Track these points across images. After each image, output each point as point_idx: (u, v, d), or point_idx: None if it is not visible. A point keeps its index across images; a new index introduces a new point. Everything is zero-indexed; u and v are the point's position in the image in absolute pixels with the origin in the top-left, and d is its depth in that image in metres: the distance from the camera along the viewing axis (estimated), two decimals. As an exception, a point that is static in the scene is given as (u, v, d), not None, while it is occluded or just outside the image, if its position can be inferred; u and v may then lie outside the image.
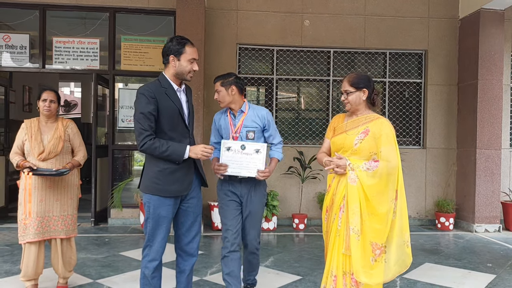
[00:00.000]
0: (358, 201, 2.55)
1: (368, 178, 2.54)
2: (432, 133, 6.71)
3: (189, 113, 2.88)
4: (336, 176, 2.69)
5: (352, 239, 2.54)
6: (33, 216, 3.31)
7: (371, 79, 2.76)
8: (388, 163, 2.54)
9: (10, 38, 6.17)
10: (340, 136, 2.72)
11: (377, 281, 2.54)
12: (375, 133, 2.60)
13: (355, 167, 2.57)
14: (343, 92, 2.73)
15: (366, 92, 2.68)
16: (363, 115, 2.71)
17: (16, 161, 3.33)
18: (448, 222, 6.30)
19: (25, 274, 3.41)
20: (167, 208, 2.70)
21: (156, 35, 6.37)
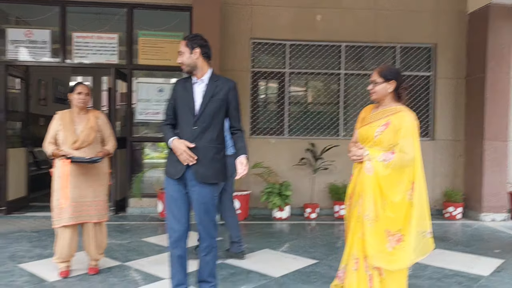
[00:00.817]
0: (372, 190, 2.69)
1: (383, 169, 2.67)
2: (440, 125, 6.88)
3: (206, 102, 2.88)
4: (358, 167, 2.84)
5: (365, 225, 2.71)
6: (70, 200, 3.53)
7: (400, 73, 2.83)
8: (405, 155, 2.64)
9: (32, 33, 6.38)
10: (365, 127, 2.84)
11: (396, 267, 2.69)
12: (395, 125, 2.69)
13: (372, 158, 2.71)
14: (371, 81, 2.83)
15: (393, 84, 2.76)
16: (388, 107, 2.80)
17: (51, 150, 3.54)
18: (456, 211, 6.48)
19: (59, 256, 3.64)
20: (172, 187, 2.92)
21: (172, 30, 6.56)
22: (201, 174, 2.84)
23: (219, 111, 2.91)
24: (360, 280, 2.77)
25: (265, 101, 7.16)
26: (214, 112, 2.89)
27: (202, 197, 2.89)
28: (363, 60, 7.00)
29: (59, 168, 3.57)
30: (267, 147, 6.70)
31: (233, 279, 3.67)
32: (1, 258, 4.16)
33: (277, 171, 6.53)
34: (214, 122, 2.89)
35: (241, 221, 6.14)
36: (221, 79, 2.98)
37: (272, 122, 7.00)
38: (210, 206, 2.93)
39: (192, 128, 2.87)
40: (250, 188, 6.51)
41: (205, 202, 2.90)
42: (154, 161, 13.95)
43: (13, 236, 5.02)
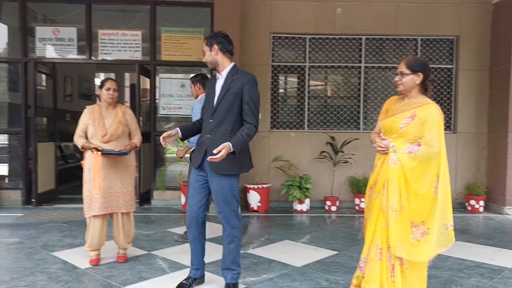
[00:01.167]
0: (397, 182, 2.71)
1: (409, 161, 2.69)
2: (463, 118, 6.82)
3: (222, 96, 3.01)
4: (381, 157, 2.87)
5: (390, 216, 2.75)
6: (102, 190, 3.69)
7: (428, 65, 2.82)
8: (430, 148, 2.66)
9: (60, 31, 6.60)
10: (390, 118, 2.84)
11: (419, 259, 2.71)
12: (421, 118, 2.69)
13: (397, 150, 2.72)
14: (398, 73, 2.82)
15: (420, 76, 2.75)
16: (414, 99, 2.79)
17: (81, 143, 3.70)
18: (478, 204, 6.44)
19: (90, 244, 3.81)
20: (193, 176, 3.17)
21: (194, 26, 6.68)
22: (215, 165, 2.95)
23: (233, 104, 2.99)
24: (383, 269, 2.83)
25: (285, 95, 7.23)
26: (228, 105, 2.99)
27: (220, 187, 3.03)
28: (384, 52, 6.99)
29: (89, 160, 3.73)
30: (287, 140, 6.77)
31: (255, 268, 3.78)
32: (35, 247, 4.37)
33: (297, 165, 6.60)
34: (229, 115, 3.00)
35: (262, 213, 6.27)
36: (239, 73, 3.06)
37: (292, 116, 7.07)
38: (229, 197, 3.04)
39: (209, 121, 3.03)
40: (270, 181, 6.61)
41: (223, 192, 3.02)
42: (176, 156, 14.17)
43: (44, 227, 5.24)
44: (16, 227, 5.21)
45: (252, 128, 2.98)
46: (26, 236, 4.80)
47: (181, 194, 6.38)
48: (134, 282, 3.40)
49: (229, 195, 3.04)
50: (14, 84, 7.36)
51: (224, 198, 3.04)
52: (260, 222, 5.80)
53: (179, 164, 6.81)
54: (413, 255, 2.69)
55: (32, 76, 6.48)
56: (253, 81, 3.03)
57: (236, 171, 3.05)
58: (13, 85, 7.38)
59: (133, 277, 3.52)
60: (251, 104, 3.00)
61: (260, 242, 4.68)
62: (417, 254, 2.69)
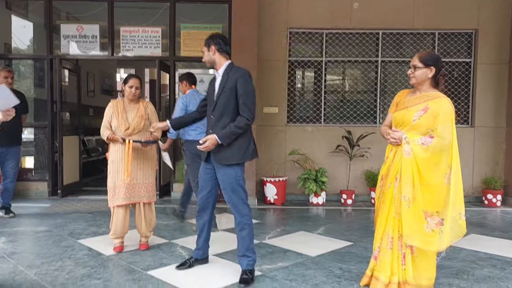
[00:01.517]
0: (411, 173, 2.81)
1: (422, 152, 2.79)
2: (481, 112, 6.80)
3: (219, 93, 3.24)
4: (393, 149, 2.97)
5: (403, 206, 2.85)
6: (122, 182, 3.87)
7: (440, 60, 2.92)
8: (443, 140, 2.75)
9: (83, 28, 6.83)
10: (402, 111, 2.94)
11: (432, 249, 2.83)
12: (434, 111, 2.79)
13: (411, 141, 2.82)
14: (411, 66, 2.91)
15: (433, 70, 2.85)
16: (426, 92, 2.89)
17: (107, 134, 3.89)
18: (495, 198, 6.43)
19: (114, 232, 4.01)
20: (203, 169, 3.45)
21: (212, 22, 6.83)
22: (219, 157, 3.24)
23: (229, 100, 3.21)
24: (394, 258, 2.94)
25: (301, 89, 7.32)
26: (226, 101, 3.22)
27: (227, 177, 3.26)
28: (401, 47, 7.00)
29: (113, 153, 3.92)
30: (303, 134, 6.87)
31: (271, 256, 3.91)
32: (62, 235, 4.60)
33: (313, 158, 6.70)
34: (226, 111, 3.22)
35: (278, 206, 6.40)
36: (233, 70, 3.27)
37: (308, 110, 7.16)
38: (234, 186, 3.25)
39: (211, 117, 3.31)
40: (287, 174, 6.73)
41: (229, 182, 3.25)
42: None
43: (70, 216, 5.49)
44: (44, 217, 5.47)
45: (243, 120, 3.17)
46: (54, 225, 5.05)
47: (200, 187, 6.55)
48: (156, 268, 3.57)
49: (234, 184, 3.25)
50: (39, 80, 7.65)
51: (231, 188, 3.25)
52: (277, 214, 5.93)
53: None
54: (427, 245, 2.78)
55: (57, 72, 6.74)
56: (245, 76, 3.23)
57: (237, 160, 3.26)
58: (39, 81, 7.68)
59: (154, 263, 3.70)
60: (244, 97, 3.19)
61: (276, 232, 4.82)
62: (431, 244, 2.78)
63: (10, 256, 3.86)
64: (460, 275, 3.47)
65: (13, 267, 3.58)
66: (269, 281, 3.29)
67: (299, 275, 3.42)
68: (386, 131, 2.99)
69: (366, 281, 3.13)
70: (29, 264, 3.64)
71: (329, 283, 3.26)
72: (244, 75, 3.23)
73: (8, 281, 3.26)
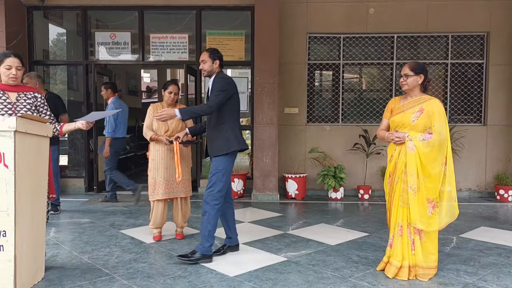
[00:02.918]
0: (415, 165, 3.25)
1: (424, 147, 3.23)
2: (493, 110, 7.09)
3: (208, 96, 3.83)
4: (397, 148, 3.40)
5: (410, 195, 3.28)
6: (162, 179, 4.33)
7: (426, 68, 3.41)
8: (440, 135, 3.22)
9: (116, 36, 7.34)
10: (399, 115, 3.40)
11: (433, 229, 3.29)
12: (429, 111, 3.26)
13: (413, 138, 3.27)
14: (402, 75, 3.38)
15: (422, 77, 3.33)
16: (417, 97, 3.36)
17: (151, 135, 4.35)
18: (507, 194, 6.72)
19: (153, 223, 4.48)
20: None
21: (236, 28, 7.26)
22: (210, 149, 3.89)
23: None
24: (404, 244, 3.35)
25: (320, 91, 7.70)
26: None
27: (211, 167, 3.82)
28: (416, 49, 7.31)
29: (153, 152, 4.39)
30: (322, 133, 7.26)
31: (295, 245, 4.34)
32: (105, 226, 5.11)
33: (332, 156, 7.08)
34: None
35: (299, 200, 6.81)
36: (216, 75, 3.81)
37: (327, 110, 7.54)
38: (212, 175, 3.77)
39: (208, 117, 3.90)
40: (307, 171, 7.13)
41: (211, 171, 3.79)
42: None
43: (108, 210, 6.00)
44: (85, 210, 6.00)
45: (204, 107, 3.78)
46: (95, 217, 5.57)
47: (225, 183, 7.00)
48: (193, 254, 4.03)
49: (213, 173, 3.76)
50: (74, 83, 8.21)
51: (210, 176, 3.79)
52: (298, 208, 6.35)
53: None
54: (430, 226, 3.26)
55: (92, 77, 7.26)
56: (219, 77, 3.79)
57: (222, 152, 3.75)
58: (73, 84, 8.23)
59: (191, 250, 4.15)
60: (214, 91, 3.71)
61: (299, 224, 5.24)
62: (432, 225, 3.26)
63: (63, 244, 4.37)
64: (467, 262, 3.83)
65: (68, 252, 4.08)
66: (294, 266, 3.71)
67: (321, 261, 3.84)
68: (389, 133, 3.40)
69: (382, 266, 3.53)
70: (81, 250, 4.14)
71: (348, 267, 3.67)
72: (217, 77, 3.80)
73: (67, 264, 3.76)
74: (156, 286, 3.24)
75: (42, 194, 3.28)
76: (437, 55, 7.30)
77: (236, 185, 6.90)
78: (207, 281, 3.34)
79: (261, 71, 6.69)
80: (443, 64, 7.26)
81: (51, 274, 3.46)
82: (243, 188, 7.00)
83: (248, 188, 7.04)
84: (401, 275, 3.34)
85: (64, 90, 8.19)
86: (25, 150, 2.99)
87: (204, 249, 3.79)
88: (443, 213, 3.28)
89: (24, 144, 2.97)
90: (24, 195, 2.99)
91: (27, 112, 3.29)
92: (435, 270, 3.40)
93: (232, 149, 3.77)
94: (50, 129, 3.32)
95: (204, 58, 3.84)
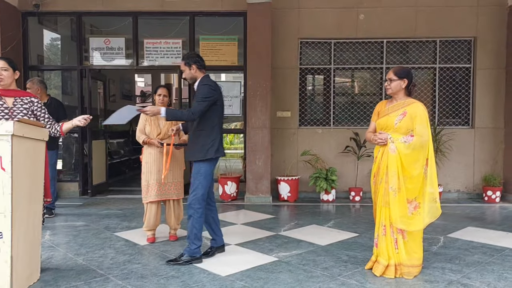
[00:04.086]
0: (396, 167, 3.36)
1: (405, 149, 3.34)
2: (480, 114, 7.25)
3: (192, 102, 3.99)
4: (381, 149, 3.52)
5: (391, 195, 3.39)
6: (155, 181, 4.42)
7: (411, 73, 3.53)
8: (421, 138, 3.33)
9: (110, 41, 7.43)
10: (384, 118, 3.52)
11: (414, 229, 3.38)
12: (411, 114, 3.37)
13: (395, 140, 3.38)
14: (387, 79, 3.50)
15: (405, 81, 3.45)
16: (402, 100, 3.48)
17: (143, 138, 4.45)
18: (494, 195, 6.87)
19: (147, 225, 4.56)
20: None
21: (228, 34, 7.38)
22: (187, 154, 3.97)
23: None
24: (388, 243, 3.47)
25: (312, 95, 7.83)
26: None
27: (193, 171, 3.86)
28: (405, 54, 7.47)
29: (146, 155, 4.47)
30: (314, 136, 7.38)
31: (286, 246, 4.44)
32: (99, 229, 5.18)
33: (323, 158, 7.20)
34: None
35: (291, 202, 6.92)
36: (200, 80, 3.82)
37: (318, 114, 7.67)
38: (194, 180, 3.82)
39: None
40: (299, 173, 7.24)
41: (193, 175, 3.85)
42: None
43: (102, 213, 6.07)
44: (79, 213, 6.07)
45: (188, 113, 3.73)
46: (90, 220, 5.64)
47: (219, 185, 7.10)
48: (186, 255, 4.12)
49: (194, 178, 3.81)
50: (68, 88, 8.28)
51: (192, 180, 3.83)
52: (290, 210, 6.45)
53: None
54: (410, 226, 3.36)
55: (87, 82, 7.34)
56: (201, 84, 3.79)
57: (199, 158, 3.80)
58: (68, 89, 8.31)
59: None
60: (198, 98, 3.73)
61: (290, 226, 5.34)
62: (413, 225, 3.35)
63: (58, 246, 4.44)
64: (453, 261, 3.95)
65: (63, 254, 4.15)
66: (285, 265, 3.81)
67: (311, 261, 3.94)
68: (373, 135, 3.53)
69: (371, 265, 3.64)
70: (76, 253, 4.21)
71: (337, 267, 3.77)
72: (200, 83, 3.81)
73: (62, 265, 3.83)
74: (150, 286, 3.33)
75: (38, 197, 3.36)
76: (425, 60, 7.46)
77: (230, 187, 7.00)
78: (199, 280, 3.43)
79: (254, 75, 6.81)
80: (431, 68, 7.42)
81: (46, 275, 3.54)
82: (236, 190, 7.10)
83: (241, 191, 7.14)
84: (388, 273, 3.45)
85: (59, 95, 8.24)
86: (22, 154, 3.07)
87: (191, 251, 3.87)
88: (425, 214, 3.37)
89: (21, 148, 3.05)
90: (21, 197, 3.07)
91: (23, 117, 3.38)
92: (419, 268, 3.52)
93: (208, 157, 3.82)
94: (46, 133, 3.41)
95: (181, 67, 3.91)
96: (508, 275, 3.55)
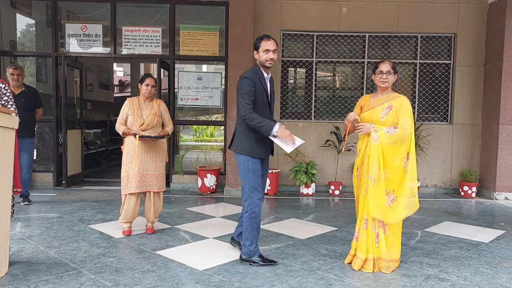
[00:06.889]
0: (377, 156, 3.35)
1: (387, 139, 3.33)
2: (459, 110, 7.33)
3: (272, 99, 3.63)
4: (364, 142, 3.50)
5: (370, 185, 3.38)
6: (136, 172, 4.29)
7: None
8: (404, 130, 3.32)
9: (87, 27, 7.20)
10: (369, 112, 3.50)
11: (392, 221, 3.38)
12: (397, 107, 3.38)
13: (378, 129, 3.38)
14: (385, 72, 3.42)
15: (396, 76, 3.50)
16: (387, 94, 3.48)
17: (123, 129, 4.31)
18: (471, 190, 6.98)
19: (124, 217, 4.44)
20: (259, 164, 3.56)
21: (210, 23, 7.24)
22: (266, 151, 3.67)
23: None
24: (369, 237, 3.45)
25: (293, 87, 7.78)
26: None
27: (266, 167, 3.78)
28: (386, 49, 7.48)
29: (127, 145, 4.34)
30: (295, 130, 7.33)
31: (265, 239, 4.38)
32: (73, 221, 5.02)
33: (304, 152, 7.18)
34: None
35: (271, 196, 6.88)
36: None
37: (300, 107, 7.63)
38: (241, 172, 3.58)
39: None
40: (279, 167, 7.20)
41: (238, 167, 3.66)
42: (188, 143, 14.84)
43: (77, 205, 5.90)
44: (53, 205, 5.88)
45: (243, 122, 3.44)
46: (63, 212, 5.47)
47: (198, 178, 7.00)
48: (163, 249, 4.02)
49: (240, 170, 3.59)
50: (43, 76, 8.00)
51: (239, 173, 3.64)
52: (270, 203, 6.41)
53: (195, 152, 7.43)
54: (387, 218, 3.37)
55: (62, 69, 7.10)
56: (240, 79, 3.52)
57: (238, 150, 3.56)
58: (43, 76, 8.03)
59: (161, 244, 4.14)
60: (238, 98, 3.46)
61: (270, 219, 5.29)
62: (390, 217, 3.36)
63: (29, 239, 4.28)
64: (430, 255, 3.97)
65: (34, 247, 4.00)
66: (264, 259, 3.75)
67: (290, 254, 3.90)
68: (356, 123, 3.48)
69: (350, 259, 3.62)
70: (48, 245, 4.07)
71: (316, 260, 3.74)
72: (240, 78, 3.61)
73: (33, 258, 3.69)
74: (124, 280, 3.23)
75: (6, 188, 3.21)
76: (406, 55, 7.49)
77: (209, 180, 6.91)
78: (176, 275, 3.35)
79: (235, 66, 6.70)
80: (412, 63, 7.46)
81: (15, 269, 3.39)
82: (216, 183, 7.01)
83: (221, 184, 7.05)
84: (366, 267, 3.44)
85: (33, 83, 7.96)
86: (-12, 142, 2.91)
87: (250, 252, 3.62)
88: (402, 206, 3.36)
89: (-13, 136, 2.90)
90: (-13, 187, 2.92)
91: (-9, 103, 3.21)
92: (398, 263, 3.52)
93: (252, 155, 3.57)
94: (16, 121, 3.25)
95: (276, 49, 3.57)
96: (484, 270, 3.59)
